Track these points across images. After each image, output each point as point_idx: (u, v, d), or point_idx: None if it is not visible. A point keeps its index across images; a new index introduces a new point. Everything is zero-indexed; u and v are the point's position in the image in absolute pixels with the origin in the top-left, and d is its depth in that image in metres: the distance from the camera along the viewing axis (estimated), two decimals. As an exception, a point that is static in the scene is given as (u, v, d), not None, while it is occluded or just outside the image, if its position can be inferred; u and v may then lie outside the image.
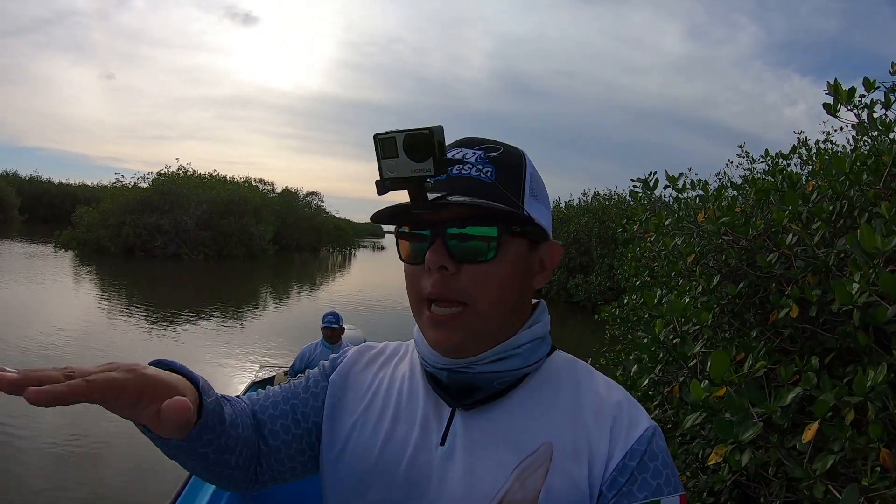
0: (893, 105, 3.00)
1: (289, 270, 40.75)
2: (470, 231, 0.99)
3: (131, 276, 28.19)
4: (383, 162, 0.93)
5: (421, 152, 0.90)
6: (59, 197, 67.69)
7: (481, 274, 0.99)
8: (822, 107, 3.13)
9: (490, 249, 0.99)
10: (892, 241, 1.96)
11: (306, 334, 14.88)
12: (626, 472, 0.96)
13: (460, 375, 1.04)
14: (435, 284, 0.99)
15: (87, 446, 7.89)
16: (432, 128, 0.90)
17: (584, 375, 1.10)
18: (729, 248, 3.14)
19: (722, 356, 2.13)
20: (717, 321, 3.17)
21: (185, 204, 39.97)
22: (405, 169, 0.92)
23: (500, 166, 1.03)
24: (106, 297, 21.47)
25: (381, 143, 0.93)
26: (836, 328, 2.52)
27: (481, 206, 0.96)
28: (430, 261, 0.98)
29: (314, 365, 5.64)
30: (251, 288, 29.19)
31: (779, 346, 2.86)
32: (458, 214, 0.99)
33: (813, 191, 3.12)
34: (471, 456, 1.01)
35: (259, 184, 55.55)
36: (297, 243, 53.54)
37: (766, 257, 2.82)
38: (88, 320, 16.32)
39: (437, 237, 0.99)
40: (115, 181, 45.12)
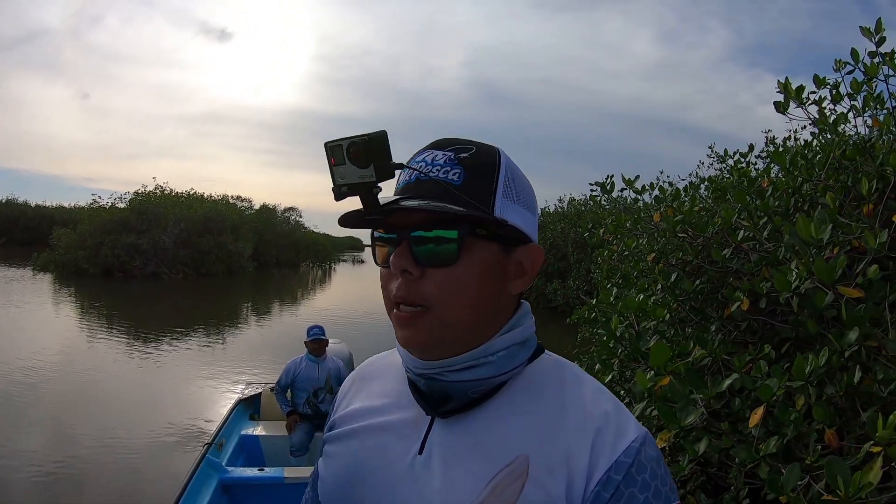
0: (844, 100, 3.14)
1: (268, 287, 40.44)
2: (433, 234, 0.98)
3: (110, 298, 27.86)
4: (334, 169, 0.95)
5: (362, 159, 0.92)
6: (35, 219, 66.78)
7: (443, 278, 0.98)
8: (773, 105, 3.27)
9: (451, 253, 0.98)
10: (826, 230, 2.09)
11: (290, 349, 14.90)
12: (610, 487, 0.92)
13: (435, 383, 1.03)
14: (399, 288, 0.99)
15: (71, 471, 7.81)
16: (371, 134, 0.92)
17: (570, 381, 1.06)
18: (686, 246, 3.27)
19: (662, 347, 2.25)
20: (679, 316, 3.29)
21: (162, 223, 39.64)
22: (353, 175, 0.94)
23: (470, 167, 1.00)
24: (86, 319, 21.28)
25: (331, 150, 0.95)
26: (788, 318, 2.64)
27: (444, 211, 0.95)
28: (394, 265, 0.98)
29: (300, 379, 5.68)
30: (231, 305, 28.97)
31: (738, 339, 2.98)
32: (424, 219, 0.97)
33: (768, 187, 3.27)
34: (447, 466, 1.00)
35: (237, 201, 55.12)
36: (276, 259, 53.12)
37: (721, 252, 2.95)
38: (69, 343, 16.14)
39: (402, 241, 0.99)
40: (92, 202, 44.73)
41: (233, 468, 6.08)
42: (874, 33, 2.76)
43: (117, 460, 8.18)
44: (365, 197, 0.94)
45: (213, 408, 10.78)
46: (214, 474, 5.73)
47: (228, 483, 5.76)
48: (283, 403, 7.12)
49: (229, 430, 7.14)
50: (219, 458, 6.18)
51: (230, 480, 5.79)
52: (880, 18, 2.74)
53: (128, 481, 7.59)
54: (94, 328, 18.97)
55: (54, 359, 13.65)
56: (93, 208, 43.55)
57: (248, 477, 5.89)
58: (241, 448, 7.05)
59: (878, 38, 2.77)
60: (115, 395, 11.40)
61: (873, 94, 3.01)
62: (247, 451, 7.11)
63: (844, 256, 2.13)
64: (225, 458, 6.37)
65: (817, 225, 2.16)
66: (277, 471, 6.00)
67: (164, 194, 44.45)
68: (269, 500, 5.70)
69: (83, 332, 18.22)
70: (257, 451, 7.18)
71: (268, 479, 5.86)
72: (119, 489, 7.46)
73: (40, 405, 10.47)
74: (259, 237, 49.86)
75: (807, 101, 3.19)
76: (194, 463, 5.68)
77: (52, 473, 7.71)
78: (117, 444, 8.70)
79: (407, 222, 0.99)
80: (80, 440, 8.71)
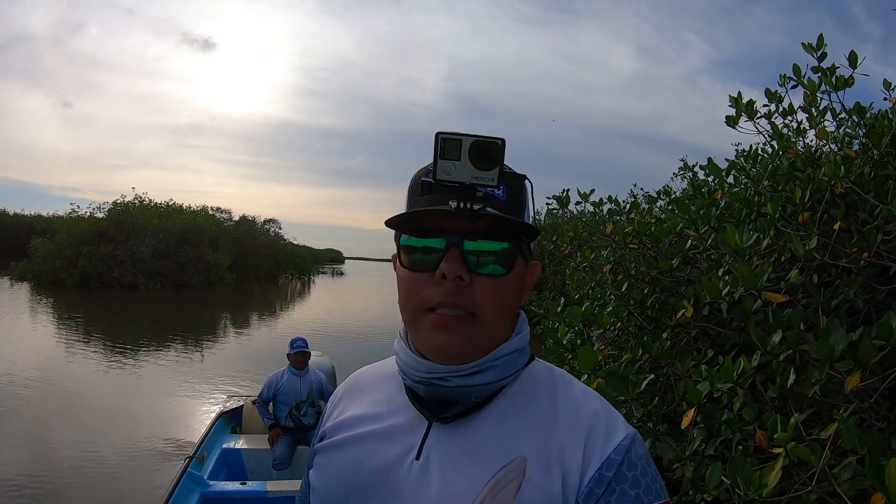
0: (798, 112, 3.22)
1: (248, 299, 40.22)
2: (486, 245, 1.00)
3: (88, 309, 27.62)
4: (441, 163, 0.93)
5: (488, 161, 0.92)
6: (13, 228, 65.91)
7: (492, 287, 1.01)
8: (725, 119, 3.35)
9: (503, 264, 1.02)
10: (750, 238, 2.16)
11: (269, 362, 14.78)
12: (602, 483, 0.96)
13: (438, 389, 1.05)
14: (449, 294, 0.99)
15: (47, 486, 7.67)
16: (498, 137, 0.92)
17: (561, 385, 1.11)
18: (639, 256, 3.34)
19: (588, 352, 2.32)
20: (632, 324, 3.35)
21: (141, 234, 39.38)
22: (464, 174, 0.93)
23: (509, 187, 1.04)
24: (63, 330, 20.92)
25: (444, 143, 0.93)
26: (733, 324, 2.72)
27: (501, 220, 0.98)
28: (448, 270, 0.98)
29: (283, 393, 5.67)
30: (210, 318, 28.78)
31: (689, 345, 3.05)
32: (473, 227, 1.00)
33: (721, 198, 3.34)
34: (445, 470, 1.02)
35: (216, 212, 54.90)
36: (255, 271, 52.98)
37: (670, 262, 3.02)
38: (46, 355, 15.91)
39: (453, 247, 0.99)
40: (71, 211, 44.42)
41: (214, 482, 6.04)
42: (815, 49, 2.84)
43: (95, 475, 8.05)
44: (465, 198, 0.95)
45: (192, 421, 10.68)
46: (196, 488, 5.68)
47: (210, 497, 5.72)
48: (266, 416, 7.04)
49: (211, 443, 7.07)
50: (200, 471, 6.12)
51: (212, 494, 5.74)
52: (821, 35, 2.82)
53: (108, 496, 7.49)
54: (71, 340, 18.67)
55: (30, 371, 13.43)
56: (71, 218, 43.14)
57: (230, 491, 5.84)
58: (223, 461, 7.00)
59: (819, 54, 2.85)
60: (93, 408, 11.24)
61: (818, 106, 3.09)
62: (229, 465, 7.05)
63: (770, 263, 2.20)
64: (207, 472, 6.32)
65: (740, 233, 2.23)
66: (260, 484, 5.95)
67: (143, 205, 44.12)
68: None
69: (60, 343, 17.94)
70: (239, 464, 7.12)
71: (250, 493, 5.81)
72: (99, 502, 7.37)
73: (15, 418, 10.29)
74: (238, 249, 49.72)
75: (757, 115, 3.26)
76: (176, 476, 5.62)
77: (26, 488, 7.58)
78: (95, 457, 8.57)
79: (459, 230, 1.00)
80: (56, 454, 8.56)
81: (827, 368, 1.94)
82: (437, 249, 1.01)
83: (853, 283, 2.42)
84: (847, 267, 2.47)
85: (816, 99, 2.96)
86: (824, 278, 2.55)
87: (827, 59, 2.91)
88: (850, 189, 2.63)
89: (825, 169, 2.52)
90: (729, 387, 2.16)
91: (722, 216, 3.22)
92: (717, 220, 3.20)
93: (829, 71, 2.85)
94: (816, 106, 3.08)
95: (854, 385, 1.84)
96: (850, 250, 2.43)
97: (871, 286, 2.49)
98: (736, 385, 2.16)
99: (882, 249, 2.41)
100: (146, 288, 37.28)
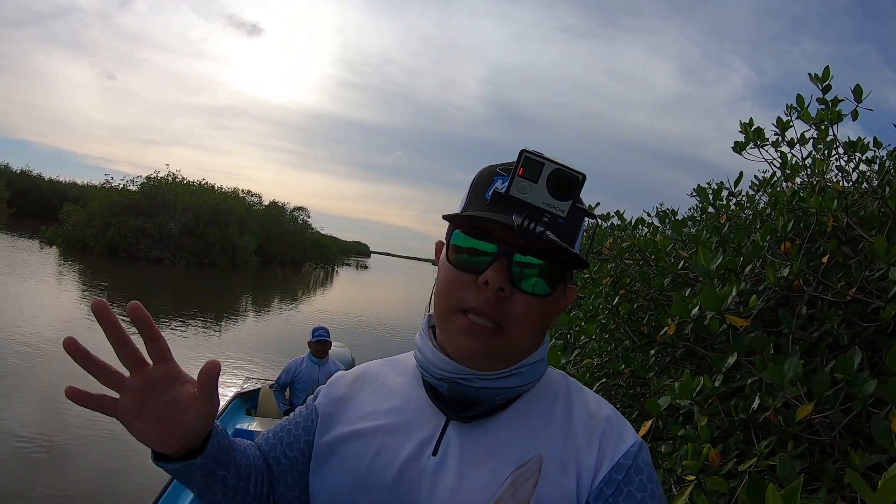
0: (808, 142, 3.22)
1: (271, 283, 40.75)
2: (535, 262, 1.01)
3: (114, 278, 28.14)
4: (518, 180, 0.94)
5: (564, 191, 0.93)
6: (48, 193, 67.19)
7: (530, 304, 1.02)
8: (734, 145, 3.35)
9: (547, 285, 1.03)
10: (716, 261, 2.19)
11: (287, 347, 14.88)
12: (612, 485, 1.00)
13: (462, 388, 1.06)
14: (487, 302, 1.00)
15: (58, 448, 7.85)
16: (579, 171, 0.93)
17: (575, 392, 1.15)
18: (636, 273, 3.37)
19: (553, 355, 2.34)
20: (617, 336, 3.38)
21: (171, 209, 40.15)
22: (537, 196, 0.93)
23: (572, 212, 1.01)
24: (87, 295, 21.28)
25: (526, 161, 0.93)
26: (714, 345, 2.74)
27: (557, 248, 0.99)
28: (492, 279, 0.99)
29: (300, 380, 5.67)
30: (232, 298, 29.21)
31: (673, 363, 3.07)
32: (528, 245, 1.00)
33: (725, 223, 3.36)
34: (463, 467, 1.04)
35: (246, 195, 55.71)
36: (280, 257, 53.57)
37: (662, 280, 3.05)
38: (69, 317, 16.26)
39: (502, 257, 1.00)
40: (105, 182, 45.35)
41: None
42: (821, 80, 2.84)
43: (105, 442, 8.18)
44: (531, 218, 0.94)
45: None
46: None
47: None
48: (281, 402, 7.10)
49: (224, 421, 7.13)
50: None
51: None
52: (828, 67, 2.82)
53: (115, 463, 7.62)
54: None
55: (51, 333, 13.66)
56: (104, 188, 44.11)
57: None
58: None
59: (823, 86, 2.85)
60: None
61: (825, 139, 3.09)
62: None
63: (732, 286, 2.23)
64: None
65: (710, 256, 2.26)
66: None
67: (176, 182, 44.88)
68: None
69: (83, 309, 18.21)
70: None
71: None
72: (106, 471, 7.51)
73: (32, 379, 10.51)
74: (265, 233, 50.24)
75: (764, 144, 3.27)
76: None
77: (38, 448, 7.75)
78: (106, 424, 8.56)
79: (513, 241, 1.01)
80: (68, 418, 8.69)
81: (781, 396, 1.96)
82: (486, 253, 1.02)
83: (833, 317, 2.43)
84: (835, 301, 2.48)
85: (827, 131, 2.96)
86: (815, 312, 2.56)
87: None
88: (847, 223, 2.64)
89: (813, 201, 2.54)
90: (688, 403, 2.20)
91: (724, 240, 3.24)
92: (717, 244, 3.22)
93: (833, 103, 2.86)
94: (823, 139, 3.08)
95: (805, 414, 1.86)
96: (835, 285, 2.44)
97: (854, 322, 2.50)
98: (693, 402, 2.19)
99: (870, 286, 2.41)
100: (171, 263, 37.95)
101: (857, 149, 3.09)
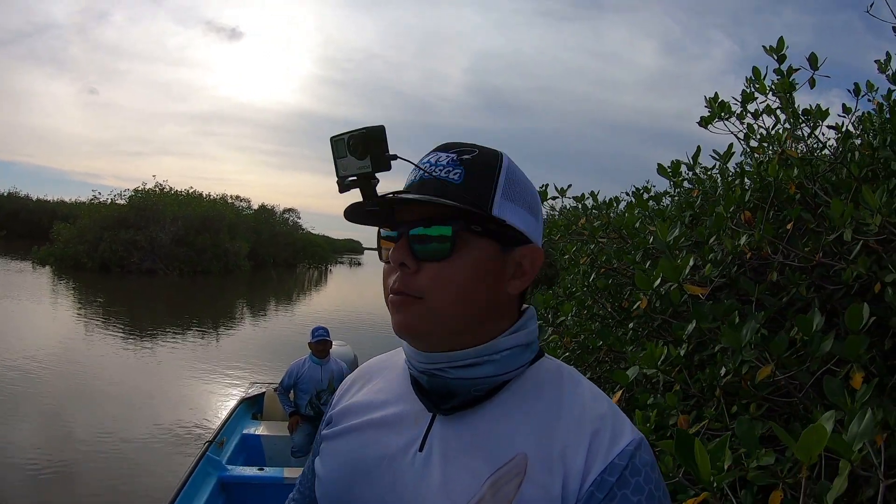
0: (773, 112, 3.26)
1: (266, 286, 40.78)
2: (430, 231, 1.01)
3: (108, 293, 28.07)
4: (338, 161, 1.00)
5: (360, 150, 0.97)
6: (37, 213, 67.10)
7: (436, 271, 1.00)
8: (700, 120, 3.40)
9: (445, 248, 1.00)
10: (672, 234, 2.26)
11: (286, 350, 14.89)
12: (604, 488, 0.93)
13: (438, 380, 1.05)
14: (396, 280, 1.02)
15: (66, 465, 7.85)
16: (369, 127, 0.97)
17: (568, 385, 1.07)
18: (608, 249, 3.43)
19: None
20: (596, 312, 3.44)
21: (160, 220, 40.12)
22: (353, 167, 0.98)
23: (470, 168, 1.03)
24: (84, 313, 21.40)
25: (335, 144, 1.00)
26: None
27: (437, 205, 0.99)
28: (393, 258, 1.02)
29: (303, 381, 5.73)
30: (227, 304, 29.22)
31: (650, 336, 3.14)
32: (423, 215, 1.01)
33: (697, 196, 3.42)
34: (446, 463, 1.01)
35: (235, 200, 55.72)
36: (273, 259, 53.62)
37: (633, 256, 3.11)
38: (67, 336, 16.25)
39: (402, 236, 1.02)
40: (93, 197, 45.35)
41: (232, 466, 6.13)
42: (776, 51, 2.89)
43: (114, 455, 8.21)
44: (364, 188, 0.99)
45: (206, 405, 10.94)
46: (214, 472, 5.79)
47: (227, 481, 5.82)
48: (286, 404, 7.08)
49: (231, 428, 7.18)
50: (219, 456, 6.23)
51: (229, 479, 5.84)
52: (781, 38, 2.87)
53: (126, 476, 7.65)
54: (91, 323, 19.02)
55: (50, 354, 13.63)
56: (93, 204, 44.08)
57: (247, 476, 5.93)
58: (241, 447, 7.09)
59: (778, 56, 2.91)
60: (113, 391, 11.45)
61: (788, 109, 3.13)
62: (248, 450, 7.14)
63: (689, 256, 2.29)
64: (225, 457, 6.42)
65: (666, 230, 2.32)
66: (277, 471, 6.05)
67: (164, 192, 44.87)
68: (267, 499, 5.69)
69: (80, 326, 18.30)
70: (258, 450, 7.21)
71: (267, 479, 5.90)
72: (116, 483, 7.52)
73: (36, 399, 10.48)
74: (256, 237, 50.26)
75: (727, 118, 3.31)
76: (194, 460, 5.74)
77: (46, 467, 7.73)
78: (112, 440, 8.75)
79: (408, 219, 1.03)
80: (75, 436, 8.71)
81: (739, 360, 2.02)
82: (394, 239, 1.05)
83: (799, 282, 2.49)
84: (802, 267, 2.54)
85: (792, 100, 3.00)
86: (781, 279, 2.62)
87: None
88: (815, 191, 2.70)
89: (770, 169, 2.59)
90: (653, 372, 2.25)
91: (698, 213, 3.30)
92: (691, 218, 3.28)
93: (789, 72, 2.91)
94: (786, 109, 3.12)
95: (764, 376, 1.92)
96: (801, 250, 2.50)
97: (821, 286, 2.56)
98: (659, 370, 2.24)
99: (837, 250, 2.47)
100: (165, 273, 37.92)
101: (819, 116, 3.12)
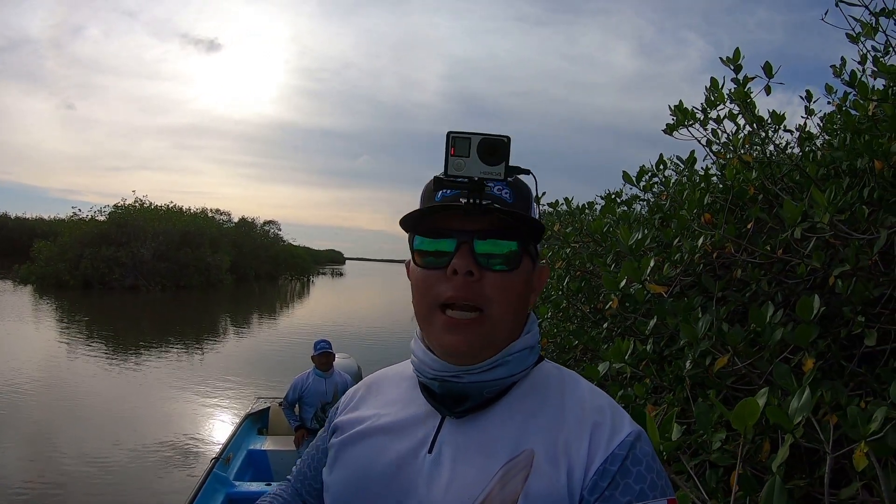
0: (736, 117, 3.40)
1: (249, 300, 40.67)
2: (495, 242, 1.05)
3: (91, 310, 27.98)
4: (452, 159, 0.99)
5: (495, 156, 0.99)
6: (16, 231, 66.40)
7: (500, 282, 1.05)
8: (664, 128, 3.53)
9: (511, 261, 1.06)
10: (635, 237, 2.41)
11: (278, 364, 14.90)
12: (607, 477, 0.98)
13: (451, 385, 1.08)
14: (458, 288, 1.03)
15: (59, 488, 7.80)
16: (495, 135, 0.99)
17: (569, 383, 1.13)
18: (583, 254, 3.57)
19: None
20: (574, 314, 3.58)
21: (141, 236, 39.96)
22: (474, 169, 0.99)
23: (516, 189, 1.11)
24: (67, 332, 21.23)
25: (454, 140, 0.99)
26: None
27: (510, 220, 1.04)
28: (458, 265, 1.03)
29: (308, 394, 5.78)
30: (211, 319, 29.10)
31: (622, 334, 3.28)
32: (482, 226, 1.05)
33: (665, 199, 3.56)
34: (456, 462, 1.05)
35: (215, 214, 55.64)
36: (255, 272, 53.43)
37: (604, 259, 3.26)
38: (51, 356, 16.17)
39: (464, 244, 1.04)
40: (73, 214, 45.04)
41: (240, 482, 6.20)
42: (732, 62, 3.04)
43: (109, 475, 8.23)
44: (475, 192, 1.01)
45: (219, 422, 10.97)
46: (221, 488, 5.84)
47: (235, 497, 5.86)
48: (291, 418, 7.00)
49: (237, 444, 7.20)
50: (226, 472, 6.27)
51: (237, 495, 5.88)
52: (738, 49, 3.01)
53: (124, 498, 7.67)
54: (74, 342, 18.89)
55: (35, 374, 13.59)
56: (73, 221, 43.73)
57: (255, 491, 5.87)
58: (248, 462, 7.11)
59: (735, 66, 3.05)
60: (100, 411, 11.41)
61: (750, 117, 3.28)
62: (254, 466, 7.16)
63: (650, 257, 2.45)
64: (232, 473, 6.46)
65: (628, 233, 2.48)
66: None
67: (144, 207, 44.69)
68: None
69: (63, 345, 18.17)
70: (265, 465, 7.23)
71: None
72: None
73: (21, 422, 10.42)
74: (238, 250, 50.11)
75: (691, 124, 3.44)
76: (201, 477, 5.80)
77: (34, 492, 7.69)
78: (100, 461, 8.73)
79: (467, 228, 1.05)
80: (59, 457, 8.72)
81: (696, 351, 2.18)
82: (449, 246, 1.06)
83: (759, 278, 2.65)
84: (761, 263, 2.69)
85: (753, 106, 3.14)
86: (745, 276, 2.77)
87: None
88: (776, 192, 2.86)
89: (727, 173, 2.75)
90: (622, 366, 2.40)
91: (666, 216, 3.43)
92: (660, 221, 3.42)
93: (745, 80, 3.06)
94: (746, 114, 3.26)
95: (721, 365, 2.08)
96: (761, 248, 2.65)
97: (781, 280, 2.72)
98: (626, 364, 2.39)
99: (797, 246, 2.62)
100: (147, 289, 37.76)
101: (776, 121, 3.29)
